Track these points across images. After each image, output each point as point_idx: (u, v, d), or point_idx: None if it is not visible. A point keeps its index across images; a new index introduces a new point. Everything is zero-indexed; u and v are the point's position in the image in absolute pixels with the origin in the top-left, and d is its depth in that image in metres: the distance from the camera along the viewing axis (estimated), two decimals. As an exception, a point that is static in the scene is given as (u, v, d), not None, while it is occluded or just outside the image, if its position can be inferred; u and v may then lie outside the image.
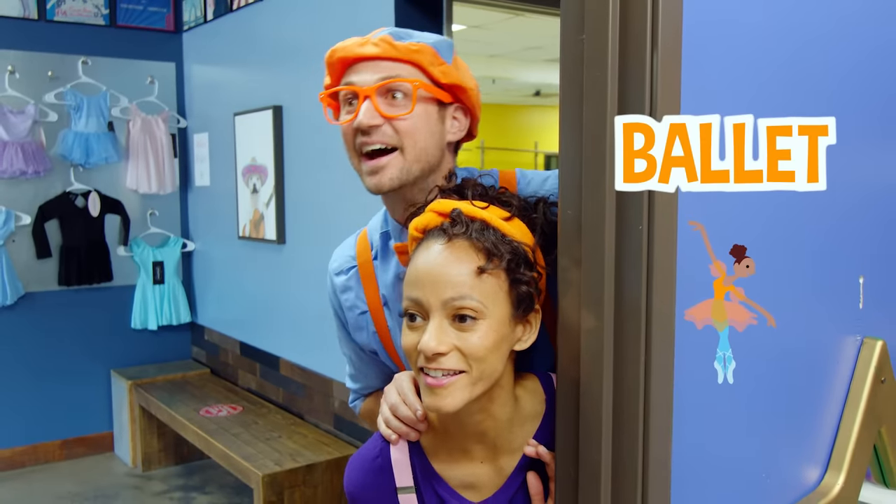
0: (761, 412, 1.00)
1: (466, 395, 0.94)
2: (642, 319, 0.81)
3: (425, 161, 1.15)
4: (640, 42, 0.81)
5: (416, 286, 0.95)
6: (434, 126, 1.16)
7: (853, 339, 1.14)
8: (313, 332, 3.52)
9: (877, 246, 1.19)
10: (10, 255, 4.16)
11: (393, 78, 1.13)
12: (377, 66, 1.14)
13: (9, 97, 4.12)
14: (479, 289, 0.93)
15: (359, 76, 1.15)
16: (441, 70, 1.15)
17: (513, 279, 0.96)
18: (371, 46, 1.14)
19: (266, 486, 2.93)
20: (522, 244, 0.98)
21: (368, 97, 1.12)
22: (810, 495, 1.08)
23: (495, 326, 0.94)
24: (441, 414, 0.97)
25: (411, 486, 1.08)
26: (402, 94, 1.13)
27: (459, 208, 0.98)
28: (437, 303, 0.93)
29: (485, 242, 0.95)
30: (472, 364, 0.93)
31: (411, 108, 1.13)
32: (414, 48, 1.14)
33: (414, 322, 0.96)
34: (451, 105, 1.19)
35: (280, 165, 3.67)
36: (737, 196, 0.92)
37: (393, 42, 1.13)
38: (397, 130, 1.13)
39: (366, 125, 1.12)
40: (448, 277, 0.93)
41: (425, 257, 0.96)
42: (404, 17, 2.88)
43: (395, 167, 1.13)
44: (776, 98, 0.97)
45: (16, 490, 4.02)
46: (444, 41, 1.18)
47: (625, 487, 0.85)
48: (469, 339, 0.93)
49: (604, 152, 0.82)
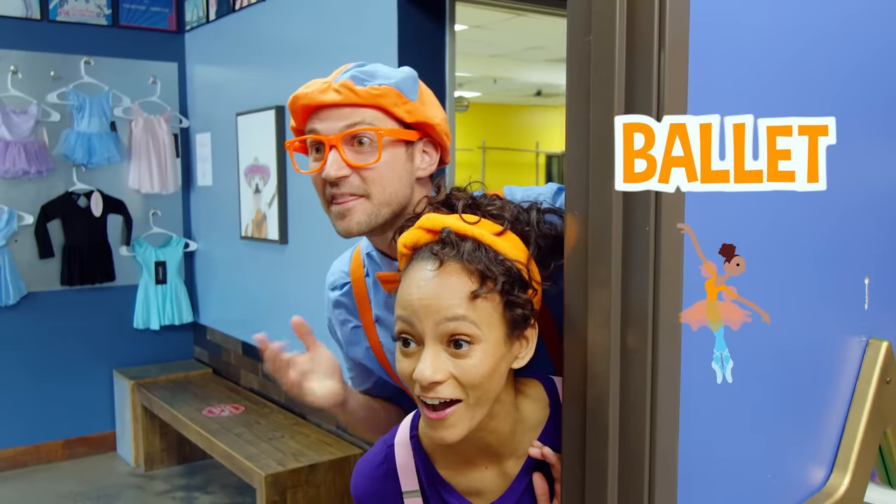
0: (766, 413, 1.00)
1: (467, 425, 0.93)
2: (649, 321, 0.81)
3: (395, 204, 1.15)
4: (647, 43, 0.81)
5: (408, 311, 0.92)
6: (401, 169, 1.15)
7: (858, 339, 1.14)
8: (316, 332, 3.52)
9: (882, 247, 1.19)
10: (13, 254, 4.16)
11: (356, 126, 1.11)
12: (340, 114, 1.12)
13: (11, 97, 4.12)
14: (473, 313, 0.90)
15: (322, 124, 1.13)
16: (406, 109, 1.14)
17: (507, 301, 0.93)
18: (332, 93, 1.12)
19: (269, 485, 2.94)
20: (516, 263, 0.94)
21: (334, 146, 1.11)
22: (816, 496, 1.08)
23: (491, 350, 0.91)
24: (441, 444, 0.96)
25: (417, 491, 1.07)
26: (368, 140, 1.12)
27: (449, 227, 0.94)
28: (431, 329, 0.90)
29: (477, 265, 0.91)
30: (469, 392, 0.91)
31: (377, 157, 1.12)
32: (375, 92, 1.12)
33: (408, 347, 0.93)
34: (420, 141, 1.18)
35: (282, 165, 3.68)
36: (739, 196, 0.92)
37: (354, 88, 1.12)
38: (364, 179, 1.12)
39: (333, 177, 1.11)
40: (441, 303, 0.90)
41: (416, 282, 0.92)
42: (407, 17, 2.88)
43: (362, 212, 1.13)
44: (780, 98, 0.97)
45: (18, 490, 4.02)
46: (409, 77, 1.16)
47: (632, 489, 0.85)
48: (464, 365, 0.90)
49: (612, 153, 0.82)
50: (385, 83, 1.13)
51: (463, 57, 5.69)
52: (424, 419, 0.94)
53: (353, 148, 1.12)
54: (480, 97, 9.38)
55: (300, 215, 3.62)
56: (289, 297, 3.76)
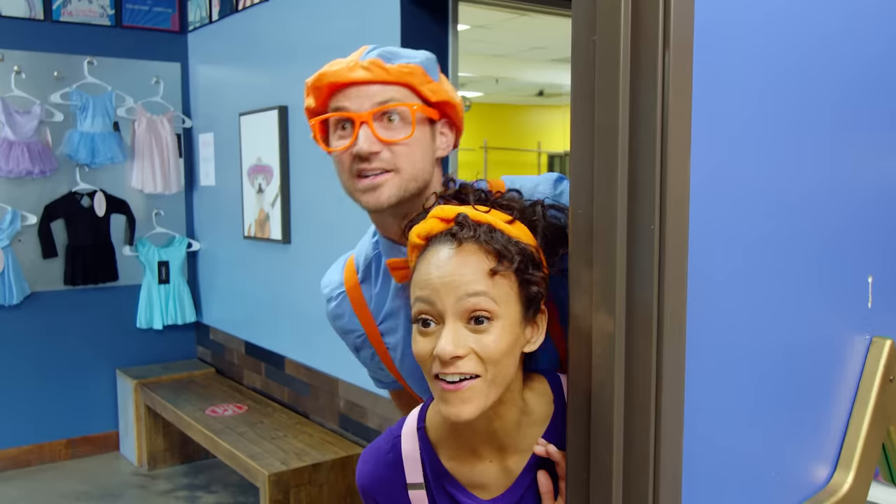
0: (770, 411, 1.01)
1: (482, 403, 0.94)
2: (654, 319, 0.82)
3: (421, 179, 1.16)
4: (651, 43, 0.81)
5: (428, 291, 0.94)
6: (428, 145, 1.17)
7: (862, 338, 1.14)
8: (318, 332, 3.53)
9: (886, 245, 1.19)
10: (17, 254, 4.17)
11: (389, 102, 1.12)
12: (369, 91, 1.13)
13: (15, 97, 4.13)
14: (492, 289, 0.93)
15: (351, 101, 1.13)
16: (430, 88, 1.15)
17: (522, 280, 0.96)
18: (362, 71, 1.12)
19: (272, 484, 2.94)
20: (529, 245, 0.98)
21: (366, 123, 1.12)
22: (819, 494, 1.08)
23: (509, 328, 0.94)
24: (457, 422, 0.97)
25: (421, 483, 1.08)
26: (399, 117, 1.13)
27: (464, 213, 0.98)
28: (452, 306, 0.93)
29: (494, 245, 0.94)
30: (488, 367, 0.93)
31: (411, 132, 1.13)
32: (406, 70, 1.13)
33: (427, 328, 0.95)
34: (440, 121, 1.20)
35: (286, 165, 3.68)
36: (744, 194, 0.92)
37: (384, 65, 1.12)
38: (395, 154, 1.13)
39: (366, 152, 1.11)
40: (462, 279, 0.93)
41: (436, 262, 0.95)
42: (410, 17, 2.89)
43: (392, 186, 1.13)
44: (785, 96, 0.98)
45: (22, 489, 4.03)
46: (430, 58, 1.18)
47: (637, 488, 0.85)
48: (484, 340, 0.92)
49: (616, 154, 0.82)
50: (412, 62, 1.15)
51: (465, 57, 5.69)
52: (440, 395, 0.95)
53: (383, 124, 1.13)
54: (483, 97, 9.39)
55: (303, 215, 3.63)
56: (292, 296, 3.76)
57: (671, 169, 0.81)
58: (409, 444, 1.10)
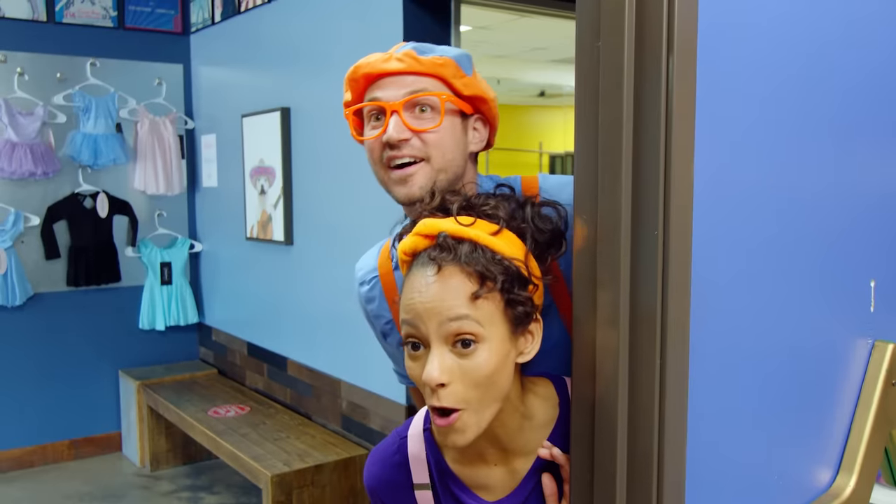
0: (772, 414, 1.01)
1: (476, 429, 0.94)
2: (658, 324, 0.82)
3: (452, 171, 1.17)
4: (655, 48, 0.81)
5: (412, 315, 0.93)
6: (459, 137, 1.18)
7: (864, 342, 1.14)
8: (321, 333, 3.54)
9: (888, 249, 1.19)
10: (20, 255, 4.18)
11: (420, 92, 1.14)
12: (402, 81, 1.15)
13: (18, 99, 4.14)
14: (475, 312, 0.91)
15: (384, 91, 1.16)
16: (463, 83, 1.17)
17: (508, 299, 0.94)
18: (395, 62, 1.15)
19: (275, 486, 2.95)
20: (514, 261, 0.95)
21: (396, 112, 1.13)
22: (822, 497, 1.08)
23: (496, 348, 0.93)
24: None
25: (427, 483, 1.09)
26: (430, 108, 1.15)
27: (445, 231, 0.96)
28: (436, 331, 0.91)
29: (475, 266, 0.92)
30: (473, 395, 0.92)
31: (440, 121, 1.14)
32: (439, 62, 1.15)
33: (416, 351, 0.94)
34: (472, 116, 1.21)
35: (288, 167, 3.69)
36: (747, 198, 0.93)
37: (417, 57, 1.15)
38: (425, 143, 1.14)
39: (395, 139, 1.13)
40: (443, 305, 0.91)
41: (418, 287, 0.93)
42: (413, 19, 2.89)
43: (423, 176, 1.14)
44: (789, 101, 0.98)
45: (25, 489, 4.04)
46: (464, 54, 1.20)
47: (640, 492, 0.85)
48: (469, 365, 0.91)
49: (619, 159, 0.82)
50: (445, 55, 1.17)
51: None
52: (435, 427, 0.96)
53: (414, 114, 1.15)
54: (484, 98, 9.36)
55: (305, 217, 3.63)
56: (294, 297, 3.77)
57: (675, 174, 0.81)
58: (416, 446, 1.10)
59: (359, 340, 3.24)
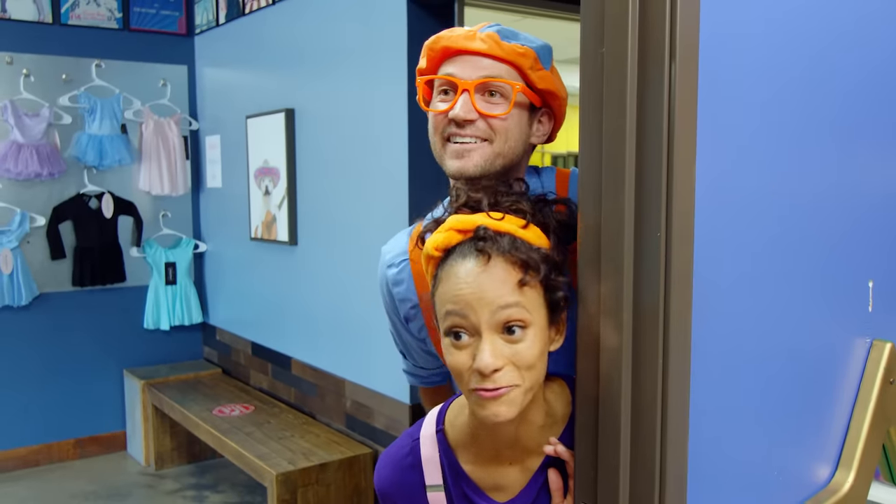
0: (773, 412, 1.03)
1: (519, 405, 0.96)
2: (660, 323, 0.84)
3: (509, 158, 1.18)
4: (658, 55, 0.83)
5: (461, 305, 0.95)
6: (524, 128, 1.20)
7: (863, 341, 1.16)
8: (325, 333, 3.56)
9: (886, 250, 1.21)
10: (25, 256, 4.21)
11: (495, 77, 1.15)
12: (479, 63, 1.16)
13: (24, 100, 4.16)
14: (523, 299, 0.95)
15: (459, 69, 1.17)
16: (538, 75, 1.18)
17: (547, 286, 0.98)
18: (479, 42, 1.16)
19: (280, 484, 2.97)
20: (548, 251, 0.99)
21: (467, 91, 1.15)
22: (821, 493, 1.10)
23: (540, 333, 0.97)
24: (493, 423, 0.98)
25: (440, 485, 1.10)
26: (500, 94, 1.16)
27: (483, 224, 0.99)
28: (487, 320, 0.94)
29: (519, 255, 0.96)
30: (525, 375, 0.95)
31: (509, 110, 1.16)
32: (520, 51, 1.16)
33: (460, 340, 0.96)
34: (540, 109, 1.22)
35: (292, 168, 3.71)
36: (748, 202, 0.94)
37: (500, 41, 1.16)
38: (491, 127, 1.16)
39: (461, 118, 1.15)
40: (494, 293, 0.94)
41: (464, 277, 0.96)
42: (416, 20, 2.91)
43: (481, 156, 1.16)
44: (790, 105, 1.00)
45: (31, 488, 4.07)
46: (546, 47, 1.21)
47: (643, 487, 0.87)
48: (519, 349, 0.95)
49: (623, 164, 0.85)
50: (527, 45, 1.18)
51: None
52: (477, 401, 0.97)
53: (484, 97, 1.16)
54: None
55: (310, 217, 3.65)
56: (298, 297, 3.79)
57: (677, 179, 0.83)
58: (429, 448, 1.11)
59: (363, 340, 3.26)
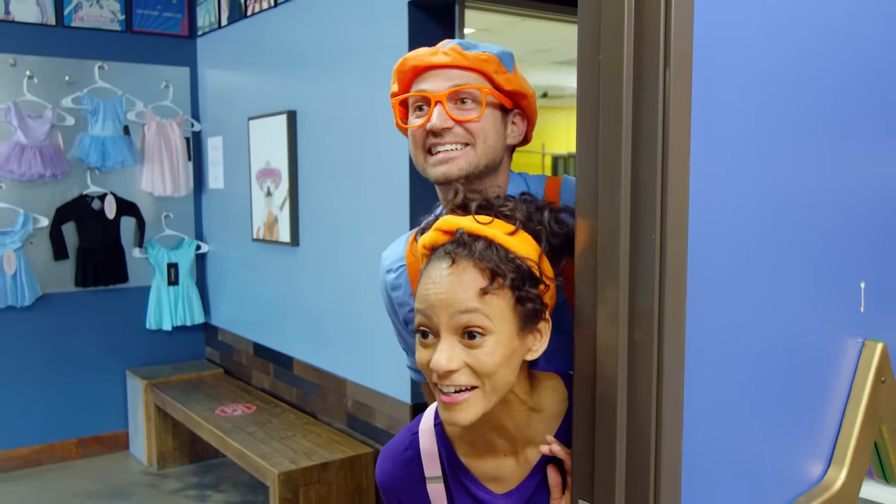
0: (767, 410, 1.05)
1: (480, 409, 0.98)
2: (655, 322, 0.86)
3: (491, 158, 1.25)
4: (653, 61, 0.85)
5: (425, 305, 0.98)
6: (499, 128, 1.27)
7: (855, 340, 1.18)
8: (326, 333, 3.58)
9: (878, 251, 1.23)
10: (29, 256, 4.23)
11: (463, 85, 1.23)
12: (447, 75, 1.24)
13: (27, 102, 4.19)
14: (484, 306, 0.96)
15: (429, 84, 1.24)
16: (504, 78, 1.25)
17: (518, 296, 0.98)
18: (442, 55, 1.24)
19: (282, 483, 2.99)
20: (527, 260, 0.99)
21: (440, 102, 1.22)
22: (813, 489, 1.12)
23: (503, 342, 0.97)
24: (457, 426, 1.01)
25: (439, 476, 1.13)
26: (471, 100, 1.23)
27: (464, 228, 1.01)
28: (446, 322, 0.96)
29: (488, 263, 0.97)
30: (484, 379, 0.97)
31: (481, 112, 1.23)
32: (482, 57, 1.23)
33: (426, 339, 0.99)
34: (512, 111, 1.29)
35: (294, 169, 3.73)
36: (742, 202, 0.96)
37: (462, 52, 1.23)
38: (469, 131, 1.23)
39: (438, 128, 1.22)
40: (455, 297, 0.96)
41: (432, 279, 0.99)
42: (417, 22, 2.93)
43: (465, 160, 1.23)
44: (783, 107, 1.01)
45: (33, 488, 4.09)
46: (506, 52, 1.28)
47: (639, 483, 0.89)
48: (478, 355, 0.96)
49: (619, 167, 0.87)
50: (488, 51, 1.25)
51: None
52: (440, 404, 1.00)
53: (457, 105, 1.24)
54: (487, 99, 9.35)
55: (311, 218, 3.67)
56: (300, 298, 3.81)
57: (671, 179, 0.85)
58: (427, 441, 1.14)
59: (364, 340, 3.28)
